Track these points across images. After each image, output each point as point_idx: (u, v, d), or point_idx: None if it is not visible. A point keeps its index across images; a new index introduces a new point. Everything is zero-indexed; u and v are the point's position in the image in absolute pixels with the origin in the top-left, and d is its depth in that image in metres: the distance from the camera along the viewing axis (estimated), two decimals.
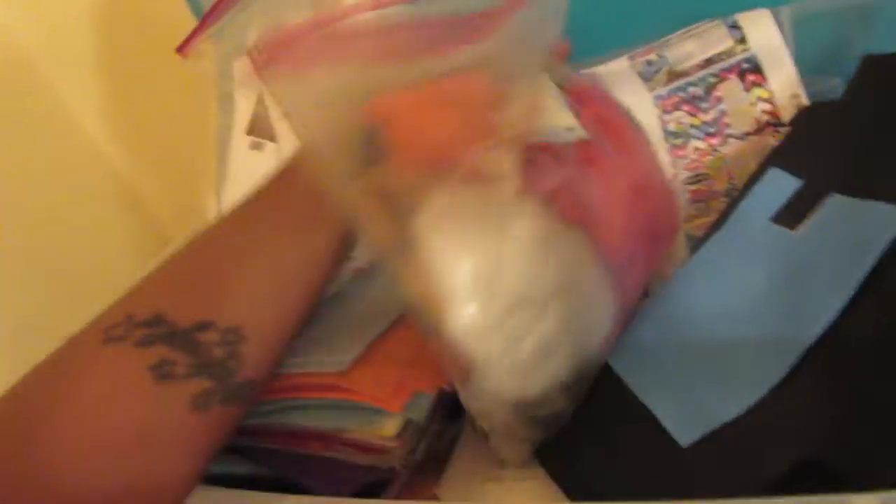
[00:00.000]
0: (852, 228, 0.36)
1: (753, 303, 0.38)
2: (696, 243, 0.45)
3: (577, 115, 0.38)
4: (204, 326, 0.32)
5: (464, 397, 0.38)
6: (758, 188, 0.42)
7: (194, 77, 0.70)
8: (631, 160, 0.46)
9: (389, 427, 0.39)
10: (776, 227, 0.40)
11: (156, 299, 0.33)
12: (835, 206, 0.38)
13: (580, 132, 0.37)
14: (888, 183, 0.36)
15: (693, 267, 0.43)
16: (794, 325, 0.35)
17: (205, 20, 0.67)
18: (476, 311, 0.34)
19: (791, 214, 0.40)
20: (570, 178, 0.36)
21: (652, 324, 0.42)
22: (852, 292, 0.33)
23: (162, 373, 0.31)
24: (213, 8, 0.66)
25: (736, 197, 0.45)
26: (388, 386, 0.39)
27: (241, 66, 0.65)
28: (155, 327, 0.31)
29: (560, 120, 0.37)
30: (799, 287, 0.37)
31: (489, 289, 0.34)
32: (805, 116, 0.47)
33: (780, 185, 0.41)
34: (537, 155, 0.35)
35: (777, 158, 0.44)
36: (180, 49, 0.70)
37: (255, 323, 0.34)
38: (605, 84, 0.53)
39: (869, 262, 0.33)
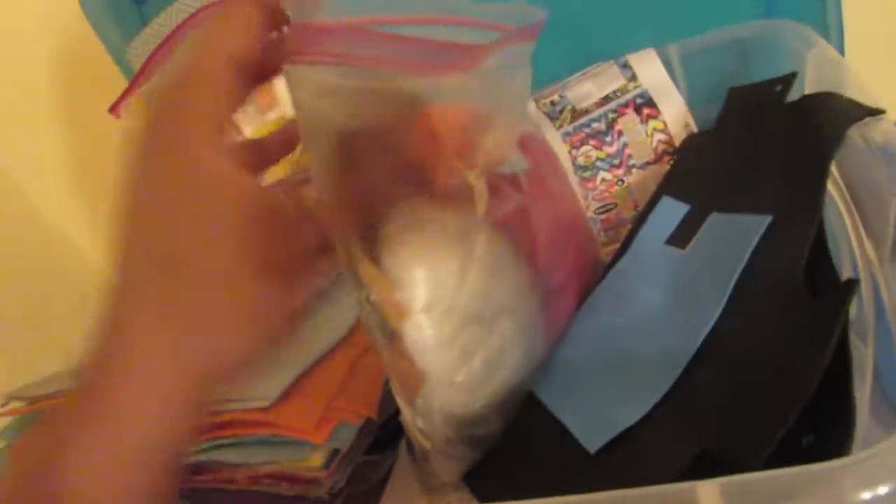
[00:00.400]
0: (726, 240, 0.39)
1: (651, 319, 0.41)
2: (605, 268, 0.48)
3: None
4: None
5: (407, 415, 0.38)
6: (653, 216, 0.45)
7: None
8: (564, 199, 0.49)
9: (316, 458, 0.40)
10: (669, 249, 0.43)
11: None
12: (714, 223, 0.41)
13: (524, 164, 0.40)
14: (752, 197, 0.39)
15: (602, 290, 0.46)
16: (683, 335, 0.37)
17: (134, 81, 0.69)
18: (433, 323, 0.35)
19: (682, 236, 0.43)
20: (521, 205, 0.38)
21: (564, 344, 0.44)
22: (726, 298, 0.36)
23: None
24: (143, 68, 0.68)
25: (635, 225, 0.48)
26: (312, 418, 0.40)
27: None
28: None
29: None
30: (687, 300, 0.39)
31: (447, 303, 0.35)
32: (687, 145, 0.51)
33: (672, 211, 0.44)
34: (498, 181, 0.37)
35: (667, 186, 0.47)
36: (112, 109, 0.71)
37: None
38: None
39: (738, 267, 0.36)
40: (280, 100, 0.61)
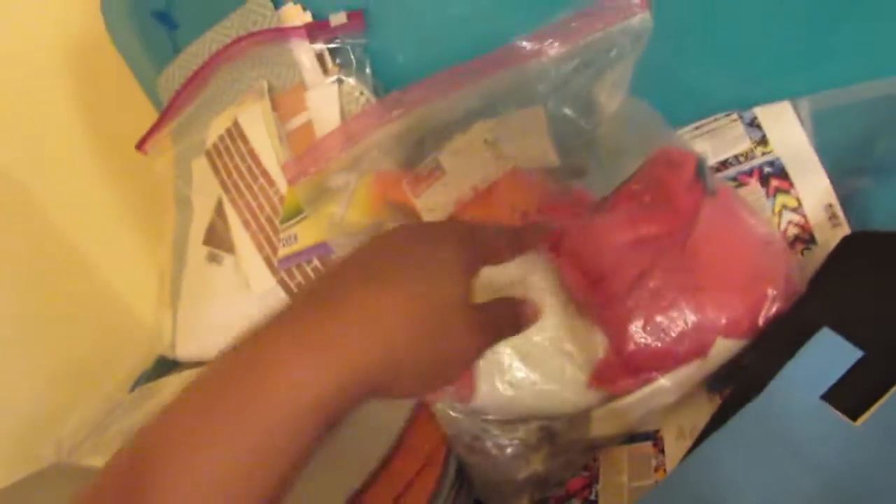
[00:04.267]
0: None
1: None
2: (724, 403, 0.35)
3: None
4: None
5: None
6: (806, 352, 0.31)
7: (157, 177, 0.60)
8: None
9: None
10: (831, 413, 0.29)
11: None
12: None
13: None
14: None
15: (722, 441, 0.32)
16: None
17: (163, 117, 0.57)
18: None
19: (849, 397, 0.29)
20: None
21: None
22: None
23: None
24: (171, 103, 0.56)
25: (769, 350, 0.34)
26: None
27: (199, 167, 0.55)
28: None
29: None
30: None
31: None
32: (850, 249, 0.35)
33: (835, 354, 0.30)
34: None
35: (825, 309, 0.33)
36: (140, 145, 0.60)
37: None
38: None
39: None
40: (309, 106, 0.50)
